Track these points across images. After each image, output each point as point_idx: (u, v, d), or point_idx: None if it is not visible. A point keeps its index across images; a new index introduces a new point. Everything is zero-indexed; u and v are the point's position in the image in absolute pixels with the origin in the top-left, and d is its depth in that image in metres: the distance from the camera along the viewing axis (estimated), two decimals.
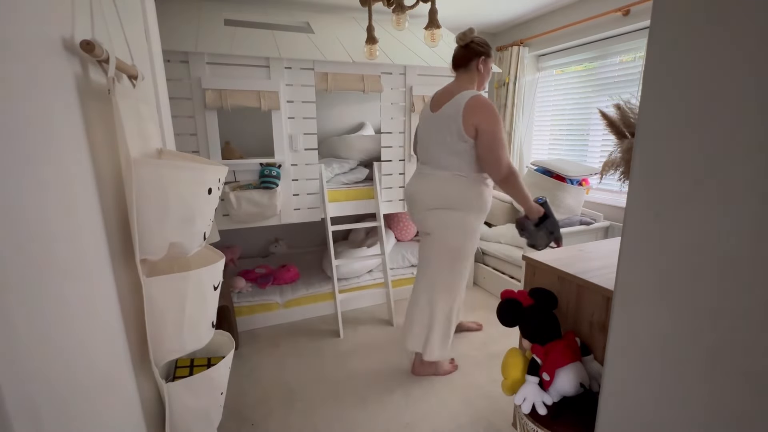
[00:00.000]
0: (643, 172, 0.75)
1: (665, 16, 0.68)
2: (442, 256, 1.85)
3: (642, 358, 0.80)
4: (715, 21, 0.61)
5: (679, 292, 0.71)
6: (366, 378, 1.98)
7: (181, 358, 1.12)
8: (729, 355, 0.65)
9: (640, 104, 0.74)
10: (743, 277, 0.61)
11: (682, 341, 0.71)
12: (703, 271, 0.67)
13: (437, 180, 1.79)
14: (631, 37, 2.56)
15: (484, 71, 1.79)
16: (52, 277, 0.53)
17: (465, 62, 1.77)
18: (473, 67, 1.76)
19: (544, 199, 1.82)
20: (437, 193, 1.79)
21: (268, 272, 2.72)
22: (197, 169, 0.79)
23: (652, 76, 0.71)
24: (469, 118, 1.65)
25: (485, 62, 1.77)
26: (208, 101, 1.98)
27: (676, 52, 0.67)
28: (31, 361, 0.47)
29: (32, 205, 0.49)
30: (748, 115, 0.59)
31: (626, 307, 0.82)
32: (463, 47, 1.77)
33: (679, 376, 0.73)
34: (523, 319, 1.31)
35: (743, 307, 0.62)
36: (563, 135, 3.23)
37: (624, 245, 0.81)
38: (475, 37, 1.77)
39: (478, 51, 1.75)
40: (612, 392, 0.89)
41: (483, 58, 1.76)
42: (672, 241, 0.71)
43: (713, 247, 0.65)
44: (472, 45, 1.76)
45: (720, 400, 0.67)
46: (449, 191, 1.78)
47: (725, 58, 0.61)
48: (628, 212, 0.79)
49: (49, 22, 0.58)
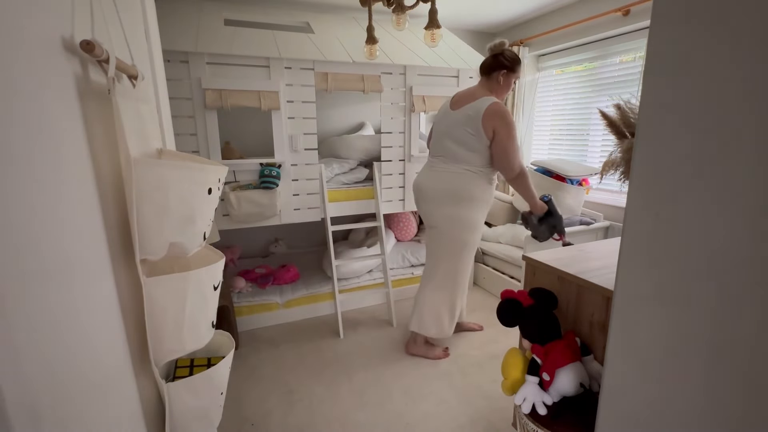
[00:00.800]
0: (643, 172, 0.75)
1: (665, 16, 0.68)
2: (448, 248, 1.96)
3: (642, 358, 0.80)
4: (715, 21, 0.61)
5: (679, 292, 0.71)
6: (366, 378, 1.98)
7: (181, 358, 1.12)
8: (729, 355, 0.65)
9: (640, 104, 0.74)
10: (743, 277, 0.61)
11: (682, 341, 0.71)
12: (703, 271, 0.67)
13: (447, 174, 1.89)
14: (631, 37, 2.56)
15: (504, 84, 1.86)
16: (52, 277, 0.53)
17: (489, 71, 1.86)
18: (495, 77, 1.85)
19: (549, 197, 1.95)
20: (446, 187, 1.89)
21: (268, 272, 2.72)
22: (197, 169, 0.79)
23: (652, 76, 0.71)
24: (488, 121, 1.76)
25: (506, 76, 1.84)
26: (208, 101, 1.98)
27: (676, 52, 0.67)
28: (31, 361, 0.47)
29: (32, 205, 0.49)
30: (748, 114, 0.59)
31: (626, 307, 0.82)
32: (492, 56, 1.85)
33: (679, 376, 0.73)
34: (523, 319, 1.31)
35: (743, 307, 0.62)
36: (563, 135, 3.23)
37: (624, 245, 0.80)
38: (505, 50, 1.85)
39: (502, 64, 1.83)
40: (612, 392, 0.89)
41: (505, 71, 1.83)
42: (672, 241, 0.71)
43: (713, 247, 0.65)
44: (499, 57, 1.83)
45: (720, 400, 0.67)
46: (458, 185, 1.87)
47: (725, 57, 0.61)
48: (628, 212, 0.79)
49: (49, 21, 0.58)
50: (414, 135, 2.56)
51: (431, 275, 2.04)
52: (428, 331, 2.07)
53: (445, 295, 2.03)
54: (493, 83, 1.86)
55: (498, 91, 1.87)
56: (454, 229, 1.92)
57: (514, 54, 1.85)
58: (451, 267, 1.99)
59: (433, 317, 2.04)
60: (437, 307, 2.03)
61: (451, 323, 2.09)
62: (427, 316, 2.05)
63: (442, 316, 2.04)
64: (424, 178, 1.99)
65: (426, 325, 2.06)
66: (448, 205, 1.90)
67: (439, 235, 1.97)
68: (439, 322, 2.05)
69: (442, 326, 2.06)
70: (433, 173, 1.95)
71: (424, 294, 2.06)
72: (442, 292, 2.02)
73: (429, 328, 2.06)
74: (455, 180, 1.87)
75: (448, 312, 2.05)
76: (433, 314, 2.04)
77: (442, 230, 1.95)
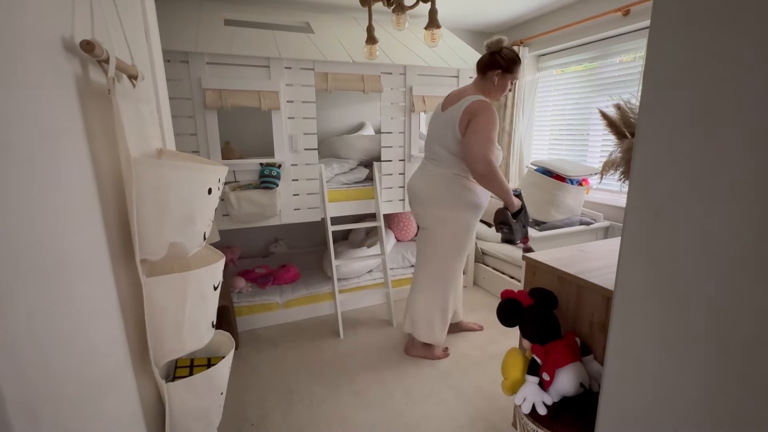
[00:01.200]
0: (643, 172, 0.75)
1: (665, 16, 0.68)
2: (437, 250, 1.93)
3: (642, 358, 0.80)
4: (715, 21, 0.61)
5: (679, 292, 0.71)
6: (366, 378, 1.97)
7: (181, 358, 1.12)
8: (729, 355, 0.65)
9: (640, 104, 0.74)
10: (743, 277, 0.61)
11: (682, 341, 0.71)
12: (703, 271, 0.67)
13: (435, 178, 1.85)
14: (631, 37, 2.56)
15: (498, 85, 1.76)
16: (52, 277, 0.53)
17: (484, 69, 1.76)
18: (489, 76, 1.75)
19: (519, 191, 1.88)
20: (434, 190, 1.85)
21: (268, 272, 2.72)
22: (197, 169, 0.79)
23: (652, 76, 0.71)
24: (465, 116, 1.68)
25: (501, 77, 1.74)
26: (208, 101, 1.98)
27: (676, 52, 0.67)
28: (31, 361, 0.47)
29: (31, 206, 0.49)
30: (748, 114, 0.59)
31: (626, 307, 0.82)
32: (489, 54, 1.75)
33: (679, 376, 0.73)
34: (523, 319, 1.31)
35: (743, 306, 0.62)
36: (563, 135, 3.23)
37: (624, 245, 0.80)
38: (504, 48, 1.73)
39: (497, 63, 1.72)
40: (612, 392, 0.89)
41: (500, 72, 1.73)
42: (672, 241, 0.71)
43: (713, 247, 0.65)
44: (496, 55, 1.73)
45: (720, 401, 0.67)
46: (445, 188, 1.83)
47: (725, 57, 0.61)
48: (628, 212, 0.79)
49: (49, 21, 0.58)
50: (414, 135, 2.56)
51: (421, 276, 2.01)
52: (420, 335, 2.04)
53: (435, 298, 1.98)
54: (487, 83, 1.77)
55: (492, 92, 1.78)
56: (443, 231, 1.89)
57: (513, 53, 1.74)
58: (440, 269, 1.95)
59: (425, 320, 2.01)
60: (428, 310, 2.00)
61: (443, 329, 2.04)
62: (419, 319, 2.02)
63: (433, 320, 2.00)
64: (415, 180, 1.96)
65: (418, 329, 2.03)
66: (436, 207, 1.86)
67: (428, 236, 1.94)
68: (431, 327, 2.01)
69: (434, 332, 2.02)
70: (423, 175, 1.92)
71: (414, 296, 2.04)
72: (431, 294, 1.98)
73: (420, 332, 2.03)
74: (443, 183, 1.83)
75: (439, 316, 2.00)
76: (425, 317, 2.01)
77: (431, 232, 1.92)
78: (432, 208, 1.88)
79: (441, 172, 1.83)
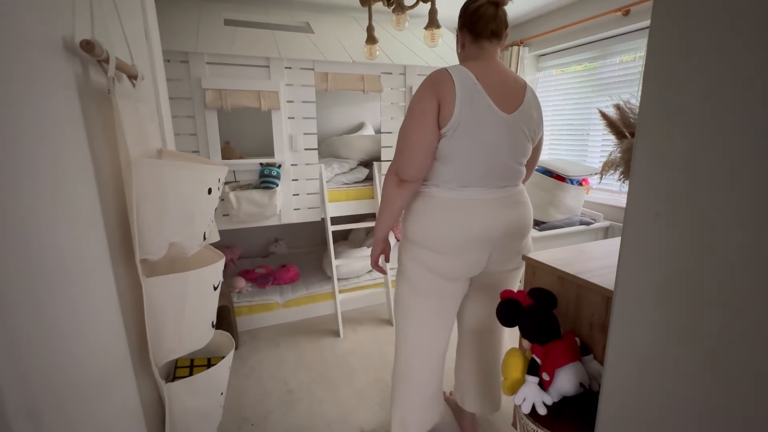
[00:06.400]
0: (643, 172, 0.75)
1: (665, 16, 0.68)
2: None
3: (642, 357, 0.80)
4: (716, 20, 0.61)
5: (679, 292, 0.71)
6: (366, 378, 1.97)
7: (181, 358, 1.12)
8: (729, 355, 0.65)
9: (640, 104, 0.74)
10: (744, 277, 0.61)
11: (683, 341, 0.71)
12: (703, 271, 0.67)
13: (526, 203, 1.37)
14: (631, 37, 2.56)
15: (460, 49, 1.32)
16: (52, 277, 0.53)
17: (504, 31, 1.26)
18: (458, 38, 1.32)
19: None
20: (530, 215, 1.39)
21: (268, 272, 2.72)
22: (197, 169, 0.79)
23: (652, 76, 0.71)
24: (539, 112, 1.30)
25: (460, 35, 1.30)
26: (208, 101, 1.98)
27: (676, 52, 0.67)
28: (32, 361, 0.47)
29: (32, 206, 0.49)
30: (748, 114, 0.59)
31: (626, 307, 0.82)
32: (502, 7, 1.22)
33: (680, 376, 0.73)
34: (523, 319, 1.30)
35: (744, 306, 0.62)
36: (563, 135, 3.23)
37: (624, 245, 0.80)
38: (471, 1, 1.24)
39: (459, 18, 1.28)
40: (612, 392, 0.89)
41: (458, 29, 1.32)
42: (672, 241, 0.71)
43: (713, 247, 0.65)
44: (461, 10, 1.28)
45: (720, 401, 0.67)
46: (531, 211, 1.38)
47: (725, 57, 0.61)
48: (628, 212, 0.78)
49: (50, 22, 0.58)
50: None
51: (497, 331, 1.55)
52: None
53: (394, 394, 1.43)
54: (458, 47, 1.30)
55: (461, 58, 1.30)
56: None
57: (475, 3, 1.21)
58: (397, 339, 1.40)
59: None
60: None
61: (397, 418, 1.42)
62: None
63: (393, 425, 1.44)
64: (503, 215, 1.31)
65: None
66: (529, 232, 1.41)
67: (518, 275, 1.47)
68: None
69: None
70: (507, 205, 1.31)
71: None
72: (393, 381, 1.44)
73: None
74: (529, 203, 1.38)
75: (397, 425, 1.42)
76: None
77: (521, 267, 1.45)
78: (528, 235, 1.40)
79: (524, 191, 1.37)
